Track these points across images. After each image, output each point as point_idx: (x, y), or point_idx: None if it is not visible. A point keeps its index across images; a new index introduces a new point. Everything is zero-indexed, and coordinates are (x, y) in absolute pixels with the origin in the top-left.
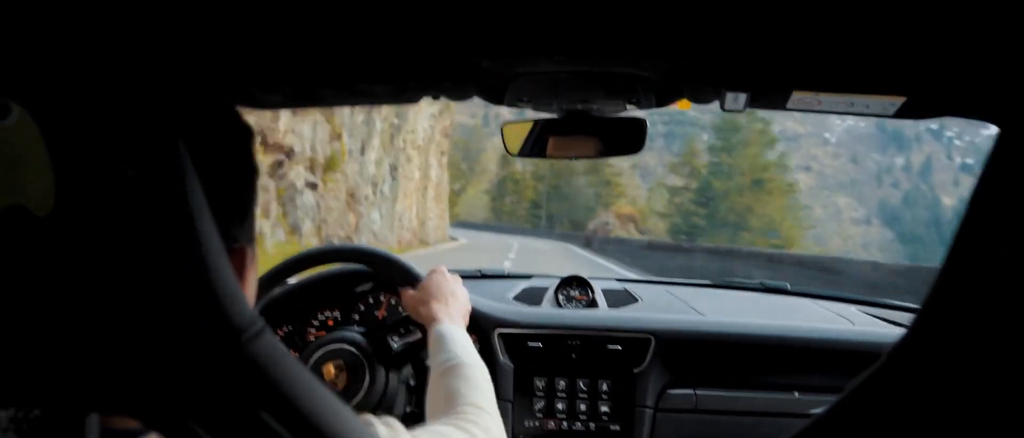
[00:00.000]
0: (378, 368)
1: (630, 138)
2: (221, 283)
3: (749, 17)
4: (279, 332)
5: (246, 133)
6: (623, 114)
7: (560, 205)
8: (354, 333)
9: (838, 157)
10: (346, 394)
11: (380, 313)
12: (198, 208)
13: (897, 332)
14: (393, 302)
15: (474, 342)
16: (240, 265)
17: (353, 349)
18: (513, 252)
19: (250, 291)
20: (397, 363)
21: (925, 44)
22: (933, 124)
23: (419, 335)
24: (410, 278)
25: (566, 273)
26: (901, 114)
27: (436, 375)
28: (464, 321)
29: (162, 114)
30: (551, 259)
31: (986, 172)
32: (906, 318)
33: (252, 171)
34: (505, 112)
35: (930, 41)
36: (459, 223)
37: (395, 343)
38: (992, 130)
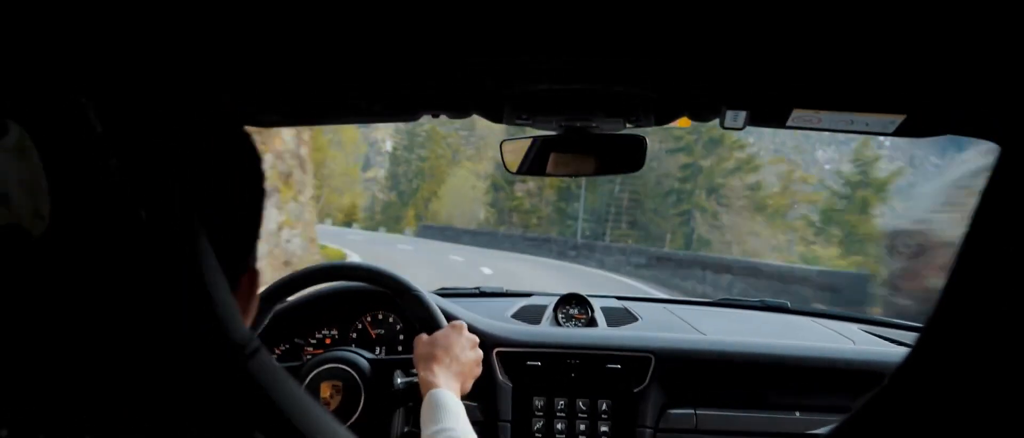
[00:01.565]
0: (376, 396)
1: (630, 156)
2: (218, 302)
3: (749, 36)
4: (277, 350)
5: (256, 156)
6: (623, 131)
7: (610, 200)
8: (355, 355)
9: (893, 160)
10: (339, 414)
11: (378, 333)
12: (196, 227)
13: (899, 351)
14: (392, 321)
15: (465, 392)
16: (253, 286)
17: (354, 373)
18: None
19: (253, 310)
20: (396, 401)
21: (924, 63)
22: None
23: None
24: (430, 325)
25: None
26: (901, 132)
27: None
28: (465, 387)
29: (159, 134)
30: None
31: (987, 191)
32: (908, 336)
33: (262, 194)
34: None
35: (929, 60)
36: (429, 228)
37: (399, 379)
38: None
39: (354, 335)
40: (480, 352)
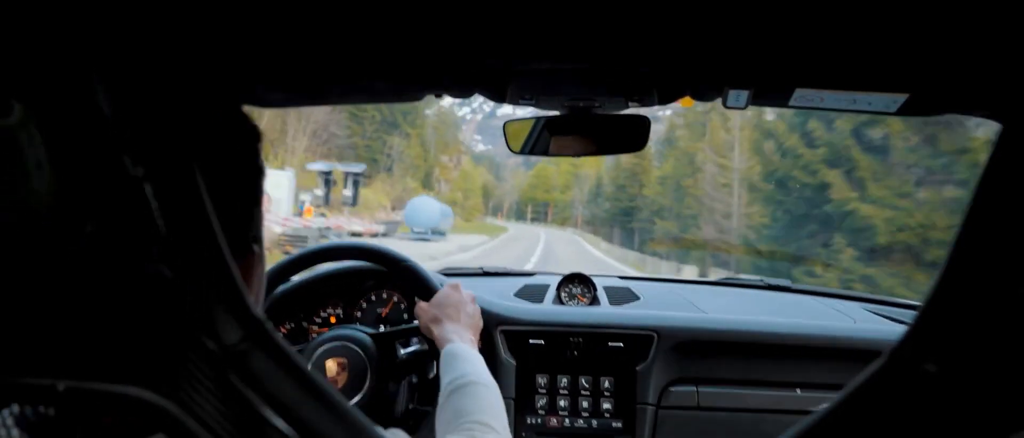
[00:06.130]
0: (381, 371)
1: (633, 135)
2: (228, 280)
3: (751, 14)
4: (282, 328)
5: (255, 134)
6: (626, 111)
7: None
8: (359, 332)
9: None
10: (347, 392)
11: (384, 311)
12: (206, 205)
13: (899, 329)
14: (396, 300)
15: (478, 344)
16: (258, 264)
17: (358, 350)
18: None
19: (259, 288)
20: (402, 371)
21: (928, 40)
22: None
23: (426, 346)
24: (427, 291)
25: None
26: (904, 111)
27: (445, 394)
28: (475, 338)
29: (170, 113)
30: None
31: (988, 169)
32: (908, 315)
33: (261, 172)
34: None
35: (933, 37)
36: None
37: (401, 351)
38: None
39: (358, 313)
40: (478, 307)
